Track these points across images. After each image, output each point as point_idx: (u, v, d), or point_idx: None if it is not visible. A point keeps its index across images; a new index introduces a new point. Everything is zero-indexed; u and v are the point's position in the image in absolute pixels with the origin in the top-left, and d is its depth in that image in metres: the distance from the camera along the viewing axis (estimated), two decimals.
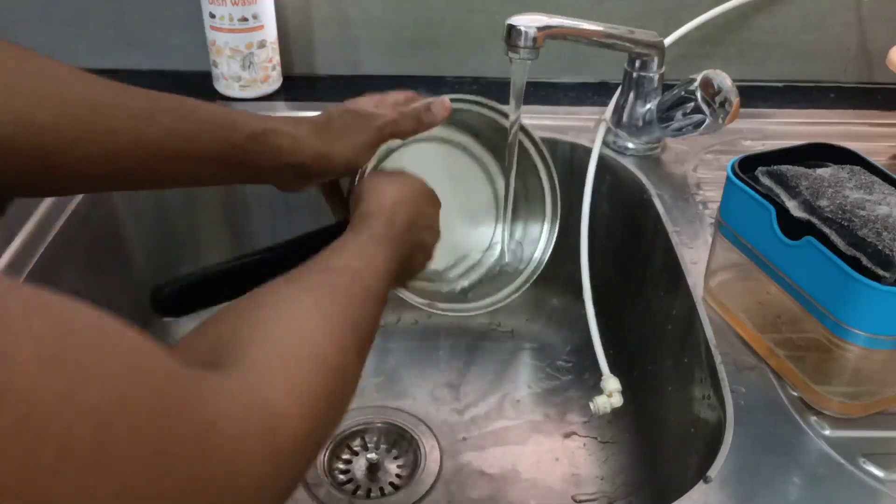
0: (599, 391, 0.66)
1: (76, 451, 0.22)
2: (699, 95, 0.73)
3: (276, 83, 0.93)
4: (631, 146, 0.83)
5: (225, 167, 0.53)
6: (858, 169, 0.57)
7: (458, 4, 0.93)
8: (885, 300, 0.49)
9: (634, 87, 0.80)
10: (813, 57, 0.97)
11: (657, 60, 0.78)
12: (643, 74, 0.79)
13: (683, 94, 0.74)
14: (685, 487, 0.50)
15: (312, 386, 0.36)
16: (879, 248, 0.49)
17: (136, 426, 0.24)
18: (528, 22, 0.65)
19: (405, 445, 0.81)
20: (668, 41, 0.87)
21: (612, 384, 0.66)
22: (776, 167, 0.57)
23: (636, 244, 0.81)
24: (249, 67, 0.89)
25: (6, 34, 0.89)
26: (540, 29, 0.65)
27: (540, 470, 0.78)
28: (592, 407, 0.65)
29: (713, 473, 0.51)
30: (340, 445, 0.80)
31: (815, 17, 0.95)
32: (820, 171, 0.57)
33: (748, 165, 0.59)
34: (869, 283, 0.48)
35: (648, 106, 0.80)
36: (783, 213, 0.54)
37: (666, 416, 0.71)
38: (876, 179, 0.56)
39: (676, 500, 0.49)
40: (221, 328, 0.38)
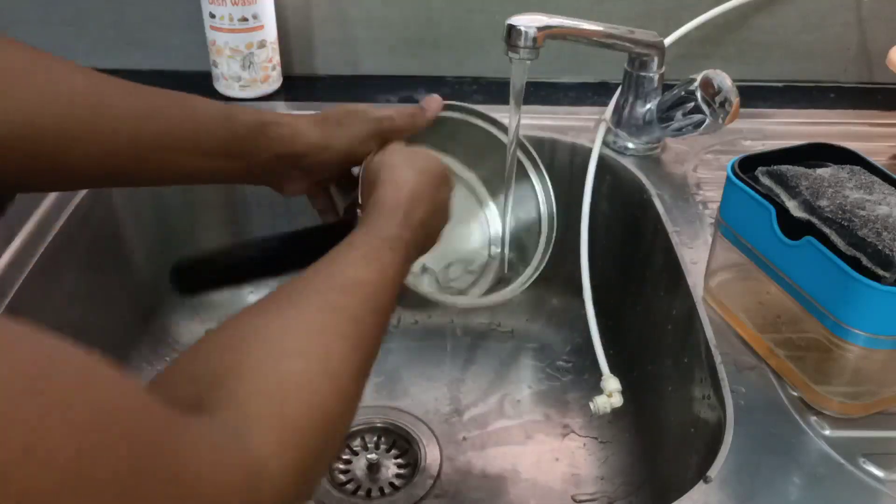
0: (599, 391, 0.66)
1: None
2: (699, 95, 0.73)
3: (276, 83, 0.93)
4: (631, 146, 0.83)
5: (225, 158, 0.53)
6: (858, 169, 0.57)
7: (458, 4, 0.93)
8: (885, 300, 0.49)
9: (634, 87, 0.80)
10: (813, 57, 0.97)
11: (657, 60, 0.78)
12: (643, 74, 0.79)
13: (683, 94, 0.74)
14: (685, 487, 0.50)
15: (303, 435, 0.34)
16: (879, 248, 0.49)
17: (106, 476, 0.23)
18: (528, 22, 0.65)
19: (405, 445, 0.81)
20: (668, 41, 0.87)
21: (612, 384, 0.66)
22: (776, 167, 0.57)
23: (636, 244, 0.81)
24: (249, 67, 0.89)
25: (6, 34, 0.89)
26: (540, 29, 0.65)
27: (540, 470, 0.78)
28: (592, 407, 0.65)
29: (713, 473, 0.51)
30: None
31: (815, 17, 0.95)
32: (820, 171, 0.57)
33: (748, 165, 0.59)
34: (869, 283, 0.48)
35: (648, 106, 0.80)
36: (783, 213, 0.54)
37: (666, 416, 0.71)
38: (876, 179, 0.56)
39: (676, 500, 0.49)
40: (209, 359, 0.36)
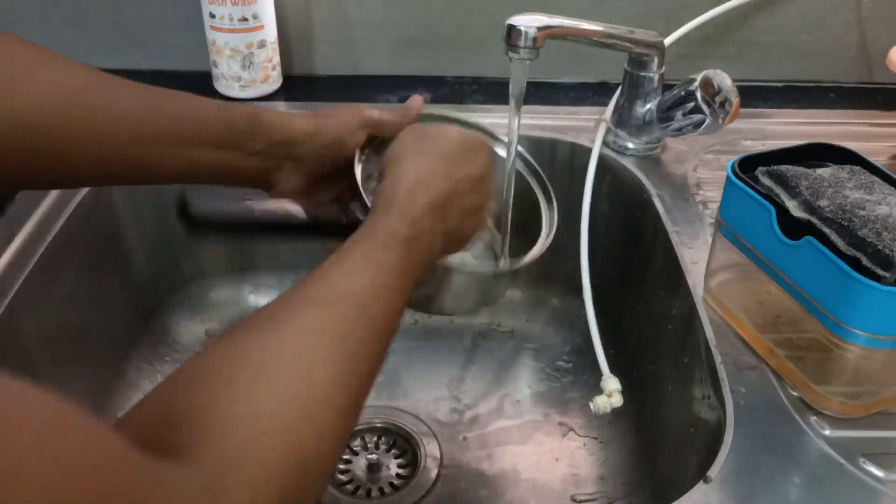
0: (599, 391, 0.66)
1: None
2: (699, 95, 0.73)
3: (276, 83, 0.93)
4: (631, 146, 0.83)
5: (223, 150, 0.54)
6: (858, 169, 0.57)
7: (458, 4, 0.93)
8: (885, 300, 0.49)
9: (634, 87, 0.80)
10: (813, 57, 0.97)
11: (657, 60, 0.78)
12: (643, 74, 0.79)
13: (683, 94, 0.74)
14: (685, 487, 0.50)
15: (280, 481, 0.32)
16: (879, 248, 0.49)
17: None
18: (528, 22, 0.65)
19: (405, 445, 0.81)
20: (668, 41, 0.87)
21: (612, 384, 0.66)
22: (776, 167, 0.57)
23: (636, 244, 0.81)
24: (249, 67, 0.89)
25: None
26: (540, 29, 0.65)
27: (540, 470, 0.78)
28: (592, 407, 0.65)
29: (713, 473, 0.51)
30: None
31: (815, 17, 0.95)
32: (820, 171, 0.57)
33: (748, 165, 0.59)
34: (869, 283, 0.48)
35: (648, 106, 0.80)
36: (783, 213, 0.54)
37: (666, 416, 0.71)
38: (876, 179, 0.56)
39: (676, 500, 0.49)
40: (181, 397, 0.34)
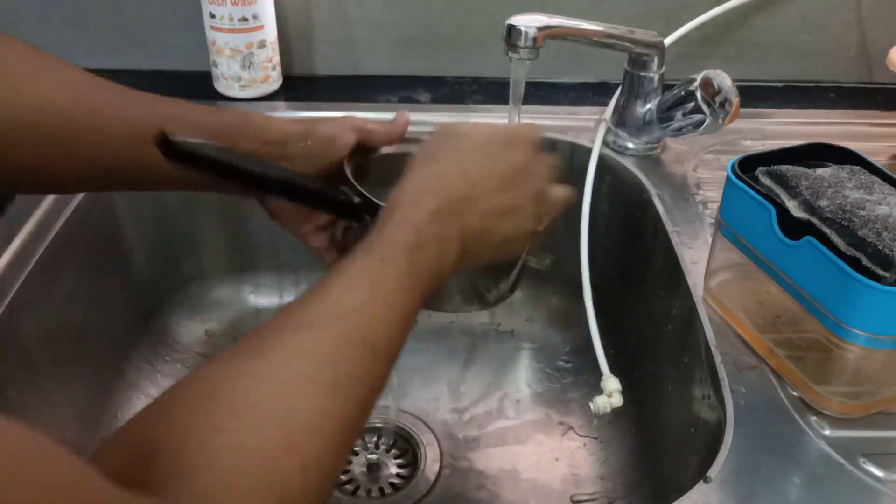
0: (599, 391, 0.66)
1: None
2: (699, 95, 0.73)
3: (276, 83, 0.93)
4: (631, 146, 0.83)
5: None
6: (858, 169, 0.57)
7: (458, 4, 0.93)
8: (885, 300, 0.49)
9: (634, 87, 0.80)
10: (813, 57, 0.97)
11: (657, 60, 0.78)
12: (643, 74, 0.79)
13: (683, 94, 0.74)
14: (685, 487, 0.50)
15: None
16: (879, 248, 0.49)
17: None
18: (528, 22, 0.65)
19: (405, 445, 0.81)
20: (668, 41, 0.87)
21: (612, 384, 0.66)
22: (776, 167, 0.57)
23: (636, 244, 0.81)
24: (249, 67, 0.89)
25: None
26: (540, 29, 0.65)
27: (540, 470, 0.78)
28: (592, 407, 0.65)
29: (713, 473, 0.51)
30: None
31: (815, 17, 0.95)
32: (820, 171, 0.57)
33: (748, 165, 0.58)
34: (869, 283, 0.48)
35: (648, 106, 0.80)
36: (783, 213, 0.54)
37: (666, 416, 0.71)
38: (876, 179, 0.56)
39: (676, 500, 0.49)
40: (160, 428, 0.32)
